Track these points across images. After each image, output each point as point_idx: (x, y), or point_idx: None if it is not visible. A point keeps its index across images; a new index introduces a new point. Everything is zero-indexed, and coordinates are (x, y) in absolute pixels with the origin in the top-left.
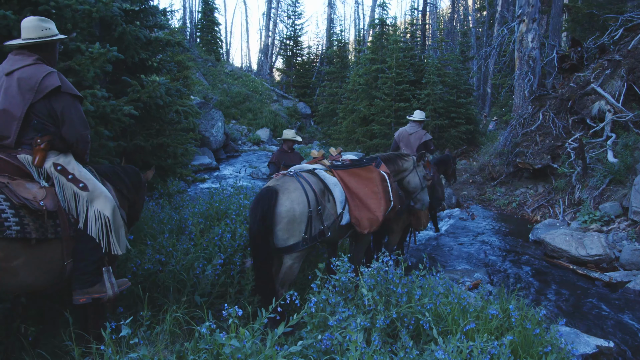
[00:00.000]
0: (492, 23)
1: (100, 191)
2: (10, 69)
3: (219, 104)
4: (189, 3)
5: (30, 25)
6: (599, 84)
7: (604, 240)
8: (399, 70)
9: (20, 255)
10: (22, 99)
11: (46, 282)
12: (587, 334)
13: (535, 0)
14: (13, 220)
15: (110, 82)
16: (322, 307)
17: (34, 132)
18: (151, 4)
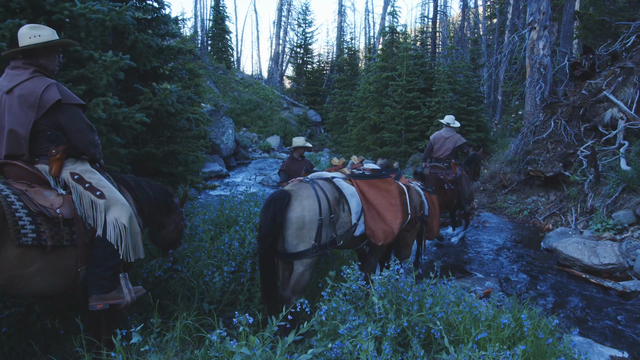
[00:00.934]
0: (502, 30)
1: (117, 199)
2: (9, 86)
3: (230, 112)
4: (201, 12)
5: (20, 34)
6: (611, 91)
7: (617, 249)
8: (410, 77)
9: (36, 262)
10: (26, 117)
11: (60, 288)
12: (601, 344)
13: (546, 8)
14: (30, 227)
15: (122, 90)
16: (333, 315)
17: (49, 143)
18: (163, 12)
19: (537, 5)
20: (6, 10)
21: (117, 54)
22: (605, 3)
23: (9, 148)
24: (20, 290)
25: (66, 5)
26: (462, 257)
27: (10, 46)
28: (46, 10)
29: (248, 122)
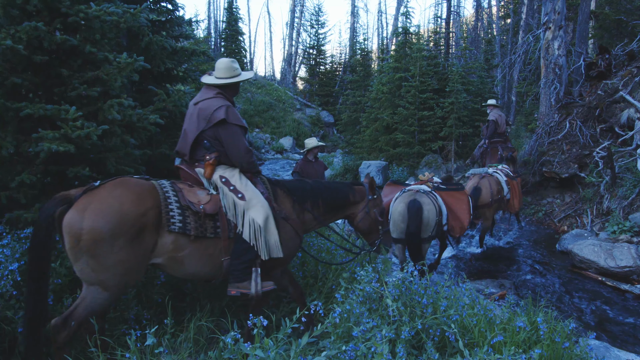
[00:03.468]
0: (516, 31)
1: (257, 201)
2: (197, 100)
3: (243, 113)
4: (214, 13)
5: (222, 67)
6: (628, 91)
7: (634, 252)
8: (423, 78)
9: (186, 248)
10: (197, 126)
11: (207, 273)
12: (618, 347)
13: (561, 7)
14: (178, 217)
15: (136, 92)
16: (346, 317)
17: (205, 150)
18: (177, 14)
19: (552, 5)
20: (23, 12)
21: (131, 55)
22: (621, 2)
23: (179, 146)
24: (176, 271)
25: (81, 7)
26: (476, 259)
27: (26, 49)
28: (62, 12)
29: (261, 123)
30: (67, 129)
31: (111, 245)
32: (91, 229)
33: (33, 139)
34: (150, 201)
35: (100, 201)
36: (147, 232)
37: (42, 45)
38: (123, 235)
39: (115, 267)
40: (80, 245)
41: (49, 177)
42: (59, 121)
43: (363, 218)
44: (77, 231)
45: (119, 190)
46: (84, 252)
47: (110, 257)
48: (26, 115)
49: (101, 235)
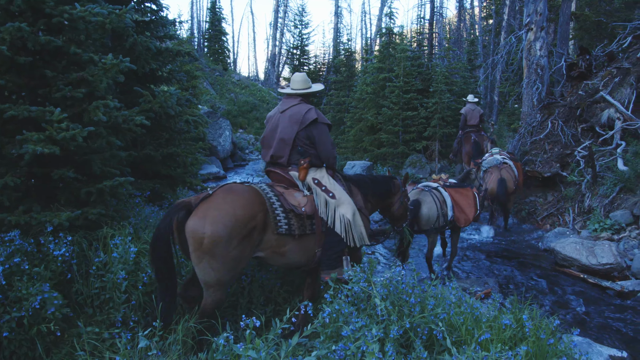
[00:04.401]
0: (498, 31)
1: (345, 199)
2: (283, 109)
3: (227, 113)
4: (197, 14)
5: (299, 79)
6: (608, 91)
7: (615, 249)
8: (407, 79)
9: (288, 244)
10: (292, 129)
11: (302, 262)
12: (600, 343)
13: (543, 9)
14: (284, 221)
15: (120, 93)
16: (335, 317)
17: (299, 155)
18: (161, 14)
19: (534, 6)
20: (6, 13)
21: (116, 56)
22: (601, 4)
23: (275, 150)
24: (276, 262)
25: (66, 8)
26: (461, 258)
27: (10, 49)
28: (46, 13)
29: (245, 124)
30: (52, 130)
31: (227, 246)
32: (212, 233)
33: (17, 141)
34: (257, 206)
35: (217, 208)
36: (255, 233)
37: (25, 46)
38: (237, 237)
39: (230, 264)
40: (203, 248)
41: (33, 179)
42: (43, 123)
43: (398, 207)
44: (200, 236)
45: (231, 197)
46: (205, 254)
47: (227, 256)
48: (10, 117)
49: (220, 238)
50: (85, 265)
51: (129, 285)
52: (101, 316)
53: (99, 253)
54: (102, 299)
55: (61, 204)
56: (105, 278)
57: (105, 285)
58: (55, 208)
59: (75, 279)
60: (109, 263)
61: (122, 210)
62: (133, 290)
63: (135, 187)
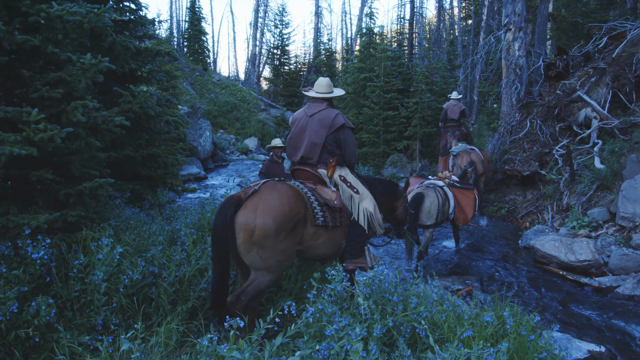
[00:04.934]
0: (477, 31)
1: (367, 194)
2: (312, 112)
3: (207, 114)
4: (176, 13)
5: (324, 84)
6: (585, 91)
7: (592, 246)
8: (387, 78)
9: (322, 236)
10: (321, 133)
11: (331, 253)
12: (579, 339)
13: (521, 9)
14: (320, 214)
15: (99, 93)
16: (319, 317)
17: (328, 154)
18: (141, 14)
19: (513, 7)
20: None
21: (95, 56)
22: (577, 5)
23: (306, 152)
24: (311, 254)
25: (43, 7)
26: (442, 256)
27: None
28: (22, 12)
29: (225, 124)
30: (29, 131)
31: (275, 238)
32: (262, 225)
33: None
34: (299, 201)
35: (265, 203)
36: (299, 226)
37: (1, 45)
38: (284, 230)
39: (278, 255)
40: (253, 240)
41: (10, 181)
42: (20, 124)
43: (402, 211)
44: (251, 228)
45: (277, 193)
46: (255, 245)
47: (275, 247)
48: None
49: (269, 231)
50: (65, 268)
51: (110, 288)
52: (81, 319)
53: (78, 255)
54: (82, 302)
55: (39, 206)
56: (87, 280)
57: (85, 288)
58: (33, 210)
59: (54, 282)
60: (90, 265)
61: (102, 212)
62: (114, 293)
63: (115, 189)
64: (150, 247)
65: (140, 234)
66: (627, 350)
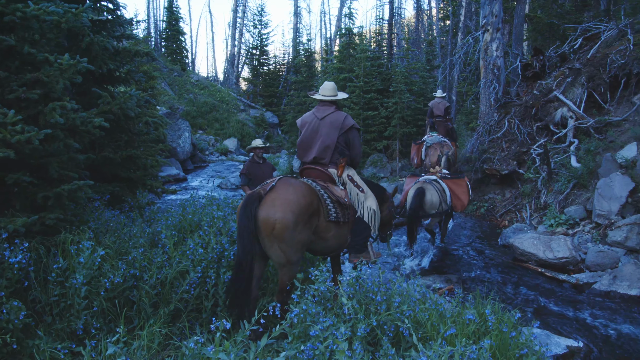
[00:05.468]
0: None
1: (370, 193)
2: (322, 115)
3: (186, 114)
4: (154, 13)
5: (330, 87)
6: (561, 91)
7: (570, 243)
8: (367, 79)
9: (332, 230)
10: (333, 135)
11: (337, 248)
12: (558, 335)
13: (498, 11)
14: (333, 210)
15: (77, 94)
16: (303, 317)
17: (338, 155)
18: (118, 13)
19: (490, 8)
20: None
21: (73, 56)
22: (553, 6)
23: (318, 153)
24: (321, 247)
25: (18, 6)
26: (422, 255)
27: None
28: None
29: (204, 125)
30: (6, 133)
31: (294, 230)
32: (282, 218)
33: None
34: (313, 196)
35: (283, 197)
36: (313, 217)
37: None
38: (301, 222)
39: (297, 246)
40: (274, 233)
41: None
42: None
43: (387, 214)
44: (272, 222)
45: (292, 187)
46: (276, 238)
47: (294, 239)
48: None
49: (289, 223)
50: (44, 272)
51: (91, 292)
52: (61, 324)
53: (57, 259)
54: (61, 307)
55: (17, 209)
56: (67, 284)
57: (65, 292)
58: (10, 214)
59: (33, 287)
60: (70, 269)
61: (81, 215)
62: (95, 297)
63: (94, 191)
64: (131, 249)
65: (120, 236)
66: (603, 345)
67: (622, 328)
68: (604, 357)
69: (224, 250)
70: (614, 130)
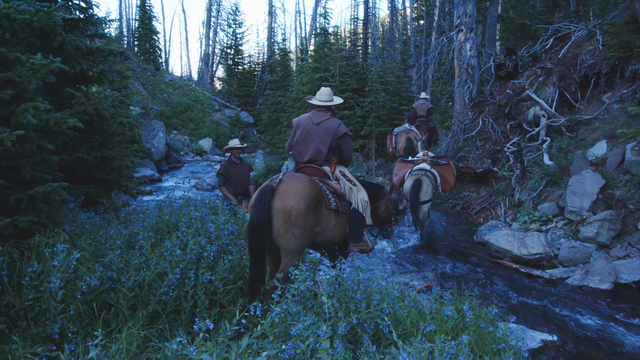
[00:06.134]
0: (429, 32)
1: (361, 187)
2: (318, 121)
3: (160, 114)
4: (126, 11)
5: (326, 93)
6: (533, 90)
7: (543, 239)
8: (342, 78)
9: (333, 220)
10: (327, 140)
11: (338, 237)
12: (533, 329)
13: (472, 11)
14: (332, 199)
15: (49, 94)
16: (284, 317)
17: (332, 154)
18: (91, 12)
19: (464, 8)
20: None
21: (46, 56)
22: (524, 7)
23: (312, 155)
24: (325, 236)
25: None
26: (399, 253)
27: None
28: None
29: (179, 125)
30: None
31: (306, 216)
32: (297, 207)
33: None
34: (317, 186)
35: (294, 188)
36: (318, 207)
37: None
38: (311, 210)
39: (307, 233)
40: (291, 220)
41: None
42: None
43: (384, 211)
44: (288, 210)
45: (298, 179)
46: (292, 225)
47: (306, 225)
48: None
49: (302, 210)
50: (17, 276)
51: (67, 295)
52: (36, 329)
53: (32, 262)
54: (36, 311)
55: None
56: (42, 288)
57: (40, 296)
58: None
59: (7, 291)
60: (45, 272)
61: (56, 217)
62: (71, 300)
63: (69, 193)
64: (108, 251)
65: (96, 238)
66: (577, 338)
67: (593, 321)
68: (577, 350)
69: (202, 251)
70: (585, 128)
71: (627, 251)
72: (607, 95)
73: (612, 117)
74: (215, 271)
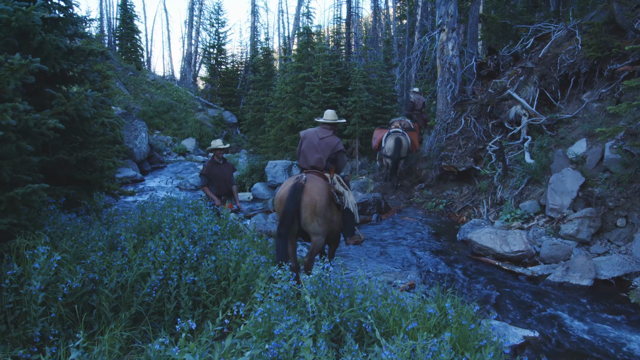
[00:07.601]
0: (412, 31)
1: (350, 192)
2: (322, 136)
3: (142, 114)
4: (107, 10)
5: (331, 114)
6: (515, 89)
7: (525, 237)
8: (326, 78)
9: (335, 214)
10: (327, 152)
11: (338, 231)
12: (514, 326)
13: (454, 11)
14: (337, 196)
15: (28, 94)
16: (267, 316)
17: (330, 163)
18: (71, 11)
19: (446, 8)
20: None
21: (25, 56)
22: (505, 7)
23: (315, 163)
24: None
25: None
26: (382, 252)
27: None
28: None
29: (162, 125)
30: None
31: (326, 208)
32: (320, 200)
33: None
34: (330, 186)
35: (317, 186)
36: (332, 202)
37: None
38: (329, 203)
39: (327, 221)
40: (316, 212)
41: None
42: None
43: None
44: (314, 204)
45: (318, 180)
46: (316, 215)
47: (326, 215)
48: None
49: (324, 204)
50: None
51: (48, 298)
52: (16, 332)
53: (11, 265)
54: (17, 314)
55: None
56: (22, 290)
57: (21, 299)
58: None
59: None
60: (25, 275)
61: (36, 219)
62: (52, 303)
63: (49, 194)
64: (90, 253)
65: (78, 240)
66: (558, 334)
67: (574, 317)
68: (558, 346)
69: (186, 252)
70: (565, 127)
71: (607, 248)
72: (586, 95)
73: (591, 115)
74: (198, 272)
